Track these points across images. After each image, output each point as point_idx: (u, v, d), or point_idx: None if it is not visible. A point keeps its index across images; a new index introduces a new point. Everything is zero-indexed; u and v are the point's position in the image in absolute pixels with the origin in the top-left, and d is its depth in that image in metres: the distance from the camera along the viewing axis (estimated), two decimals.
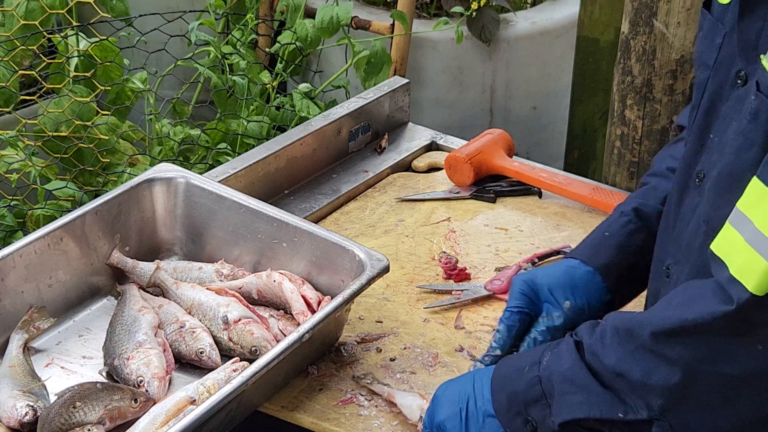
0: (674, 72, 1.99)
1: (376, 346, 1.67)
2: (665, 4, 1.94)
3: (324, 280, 1.68)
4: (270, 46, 3.09)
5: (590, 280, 1.47)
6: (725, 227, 1.10)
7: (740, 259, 1.07)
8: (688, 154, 1.28)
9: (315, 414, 1.54)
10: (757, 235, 1.05)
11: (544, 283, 1.47)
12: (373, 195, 2.11)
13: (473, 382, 1.35)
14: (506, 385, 1.30)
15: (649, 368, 1.14)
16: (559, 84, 3.10)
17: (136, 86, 2.66)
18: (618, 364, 1.17)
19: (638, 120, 2.07)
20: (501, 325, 1.48)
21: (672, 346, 1.12)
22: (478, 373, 1.36)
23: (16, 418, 1.45)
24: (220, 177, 1.92)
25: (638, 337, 1.16)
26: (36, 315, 1.63)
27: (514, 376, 1.30)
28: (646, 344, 1.15)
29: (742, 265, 1.07)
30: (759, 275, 1.05)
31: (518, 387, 1.28)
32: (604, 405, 1.19)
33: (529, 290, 1.48)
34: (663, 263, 1.32)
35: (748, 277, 1.06)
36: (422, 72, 3.02)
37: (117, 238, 1.76)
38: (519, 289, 1.48)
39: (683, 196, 1.28)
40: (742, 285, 1.06)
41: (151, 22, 2.72)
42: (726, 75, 1.19)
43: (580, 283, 1.47)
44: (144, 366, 1.52)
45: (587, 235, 1.55)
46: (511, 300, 1.49)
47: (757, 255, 1.05)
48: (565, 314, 1.46)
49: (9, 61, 2.54)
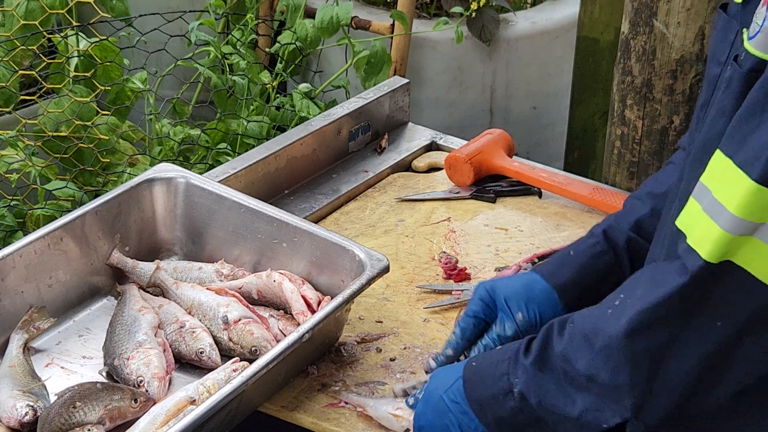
0: (674, 72, 1.99)
1: (376, 346, 1.67)
2: (665, 4, 1.94)
3: (324, 280, 1.68)
4: (270, 46, 3.09)
5: (547, 296, 1.48)
6: (689, 201, 1.11)
7: (697, 228, 1.08)
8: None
9: (315, 414, 1.54)
10: (713, 204, 1.06)
11: (502, 292, 1.49)
12: (373, 195, 2.11)
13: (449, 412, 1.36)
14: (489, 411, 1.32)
15: (616, 367, 1.14)
16: (559, 84, 3.09)
17: (136, 86, 2.66)
18: (588, 368, 1.18)
19: (638, 120, 2.06)
20: (456, 328, 1.51)
21: (635, 340, 1.12)
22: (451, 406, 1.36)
23: (16, 418, 1.45)
24: (220, 177, 1.92)
25: (604, 336, 1.16)
26: (36, 315, 1.63)
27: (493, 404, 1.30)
28: (611, 343, 1.15)
29: (698, 235, 1.07)
30: (713, 242, 1.05)
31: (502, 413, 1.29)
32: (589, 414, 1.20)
33: (487, 297, 1.50)
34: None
35: (702, 245, 1.06)
36: (422, 72, 3.02)
37: (117, 238, 1.76)
38: (479, 296, 1.51)
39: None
40: (697, 253, 1.07)
41: (151, 22, 2.71)
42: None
43: (537, 297, 1.48)
44: (144, 366, 1.52)
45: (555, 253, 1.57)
46: (469, 305, 1.52)
47: (712, 222, 1.05)
48: (516, 325, 1.47)
49: (9, 61, 2.54)
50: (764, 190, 1.02)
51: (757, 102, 1.05)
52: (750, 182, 1.03)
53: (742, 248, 1.05)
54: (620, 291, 1.18)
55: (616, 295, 1.18)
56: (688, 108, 2.02)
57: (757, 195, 1.03)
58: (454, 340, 1.50)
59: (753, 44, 1.10)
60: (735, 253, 1.05)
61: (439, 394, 1.38)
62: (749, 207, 1.03)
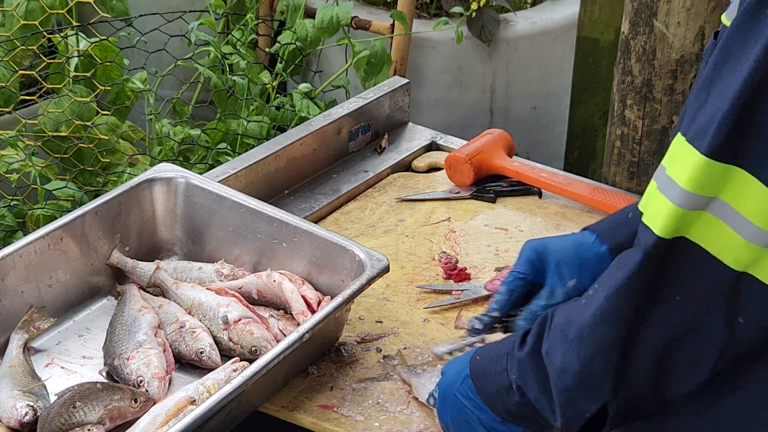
0: (674, 72, 1.99)
1: (376, 346, 1.67)
2: (665, 4, 1.94)
3: (324, 280, 1.68)
4: (270, 46, 3.09)
5: (600, 260, 1.44)
6: (650, 183, 1.11)
7: (652, 206, 1.08)
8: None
9: (315, 414, 1.54)
10: (667, 181, 1.06)
11: (554, 256, 1.46)
12: (373, 195, 2.11)
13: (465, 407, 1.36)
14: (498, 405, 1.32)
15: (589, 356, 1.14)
16: (559, 84, 3.10)
17: (136, 86, 2.66)
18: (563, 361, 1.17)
19: (638, 120, 2.07)
20: (503, 287, 1.47)
21: (604, 327, 1.12)
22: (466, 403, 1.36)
23: (16, 418, 1.45)
24: (220, 177, 1.92)
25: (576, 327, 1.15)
26: (36, 315, 1.63)
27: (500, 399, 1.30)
28: (581, 333, 1.15)
29: (652, 211, 1.08)
30: (664, 217, 1.05)
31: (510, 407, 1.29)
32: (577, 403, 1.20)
33: (536, 259, 1.46)
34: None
35: (655, 221, 1.07)
36: (422, 72, 3.02)
37: (117, 238, 1.76)
38: (527, 256, 1.47)
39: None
40: (650, 230, 1.07)
41: (151, 22, 2.71)
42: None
43: (590, 263, 1.45)
44: (144, 366, 1.52)
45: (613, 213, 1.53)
46: (517, 264, 1.48)
47: (664, 198, 1.06)
48: (567, 293, 1.45)
49: (9, 61, 2.54)
50: (713, 163, 1.02)
51: (706, 77, 1.05)
52: (699, 156, 1.02)
53: (694, 223, 1.05)
54: (597, 280, 1.18)
55: (592, 285, 1.18)
56: None
57: (706, 168, 1.02)
58: (499, 299, 1.47)
59: (726, 15, 1.12)
60: (688, 229, 1.05)
61: (453, 393, 1.38)
62: (698, 180, 1.03)
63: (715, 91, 1.04)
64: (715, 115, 1.02)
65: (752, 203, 1.02)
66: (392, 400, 1.57)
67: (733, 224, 1.03)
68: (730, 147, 1.02)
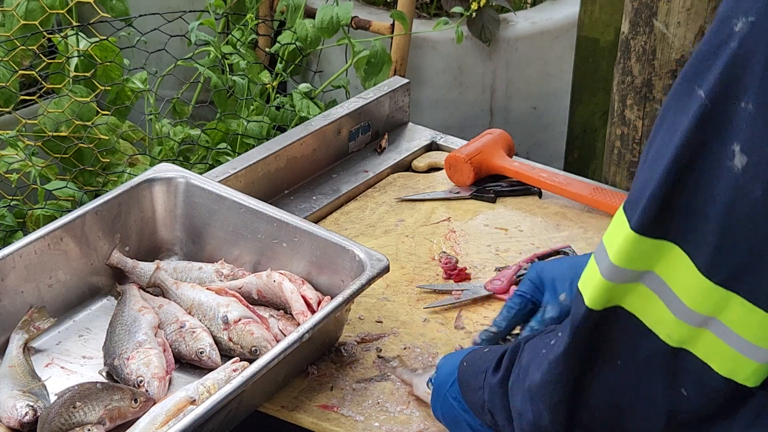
0: (674, 72, 1.99)
1: (376, 346, 1.67)
2: (665, 4, 1.94)
3: (324, 280, 1.68)
4: (270, 46, 3.09)
5: None
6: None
7: (585, 275, 1.04)
8: None
9: (315, 414, 1.54)
10: (600, 250, 1.01)
11: (549, 273, 1.48)
12: (373, 195, 2.11)
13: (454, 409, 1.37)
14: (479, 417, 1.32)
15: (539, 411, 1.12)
16: (559, 84, 3.10)
17: (136, 86, 2.66)
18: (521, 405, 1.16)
19: (638, 120, 2.07)
20: (504, 308, 1.51)
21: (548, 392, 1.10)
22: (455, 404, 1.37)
23: (16, 418, 1.45)
24: (220, 177, 1.92)
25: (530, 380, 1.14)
26: (36, 315, 1.63)
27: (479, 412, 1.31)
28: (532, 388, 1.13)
29: (587, 277, 1.03)
30: (594, 288, 1.01)
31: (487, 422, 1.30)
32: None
33: (536, 278, 1.49)
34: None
35: (586, 291, 1.02)
36: (422, 72, 3.02)
37: (117, 238, 1.76)
38: (529, 276, 1.50)
39: None
40: (582, 298, 1.03)
41: (151, 22, 2.72)
42: None
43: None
44: (144, 366, 1.52)
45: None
46: (520, 285, 1.52)
47: (596, 268, 1.01)
48: (560, 307, 1.45)
49: (9, 61, 2.54)
50: (643, 239, 0.95)
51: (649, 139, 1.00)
52: (628, 231, 0.96)
53: (629, 294, 0.99)
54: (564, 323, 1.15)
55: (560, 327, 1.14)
56: None
57: (636, 243, 0.96)
58: (499, 319, 1.50)
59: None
60: (622, 299, 1.00)
61: (444, 392, 1.39)
62: (628, 255, 0.97)
63: (648, 158, 0.98)
64: (645, 188, 0.96)
65: (684, 281, 0.96)
66: (392, 400, 1.57)
67: (666, 300, 0.97)
68: (661, 223, 0.95)
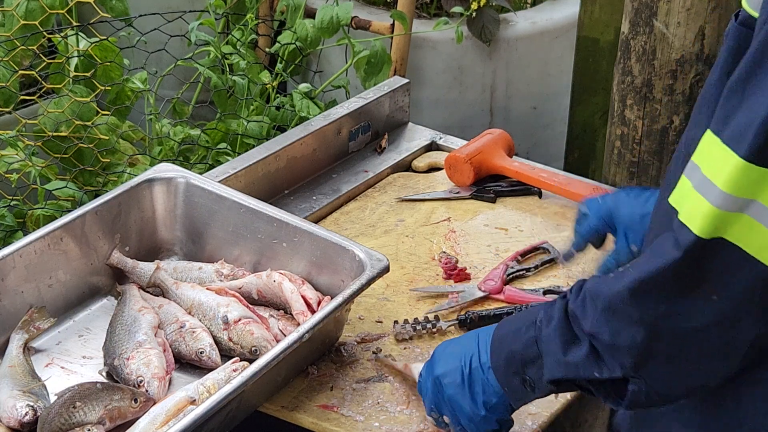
0: (674, 72, 1.99)
1: (376, 346, 1.67)
2: (665, 4, 1.94)
3: (324, 280, 1.68)
4: (270, 46, 3.09)
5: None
6: (681, 179, 1.13)
7: (688, 204, 1.10)
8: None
9: (315, 414, 1.54)
10: (703, 181, 1.08)
11: (622, 221, 1.56)
12: (373, 195, 2.11)
13: (477, 340, 1.39)
14: (504, 345, 1.34)
15: (616, 329, 1.16)
16: (559, 84, 3.10)
17: (136, 86, 2.66)
18: (592, 327, 1.20)
19: (638, 120, 2.07)
20: (577, 235, 1.63)
21: (633, 306, 1.14)
22: (482, 332, 1.39)
23: (16, 418, 1.45)
24: (220, 177, 1.92)
25: (605, 299, 1.18)
26: (36, 315, 1.63)
27: (512, 337, 1.33)
28: (612, 305, 1.17)
29: (689, 210, 1.09)
30: (702, 218, 1.07)
31: (515, 347, 1.31)
32: (580, 364, 1.22)
33: (609, 218, 1.58)
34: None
35: (693, 221, 1.08)
36: (422, 72, 3.02)
37: (117, 238, 1.76)
38: (598, 215, 1.59)
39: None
40: (688, 228, 1.08)
41: (151, 22, 2.71)
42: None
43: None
44: (144, 366, 1.52)
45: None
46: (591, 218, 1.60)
47: (702, 198, 1.07)
48: (632, 256, 1.53)
49: (9, 61, 2.54)
50: (751, 167, 1.03)
51: (740, 78, 1.06)
52: (737, 159, 1.04)
53: (733, 225, 1.06)
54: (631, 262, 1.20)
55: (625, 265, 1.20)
56: (688, 108, 2.02)
57: (745, 171, 1.04)
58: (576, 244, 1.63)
59: (748, 2, 1.12)
60: (726, 230, 1.06)
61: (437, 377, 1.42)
62: (737, 183, 1.04)
63: (751, 94, 1.04)
64: (753, 120, 1.03)
65: None
66: (392, 400, 1.57)
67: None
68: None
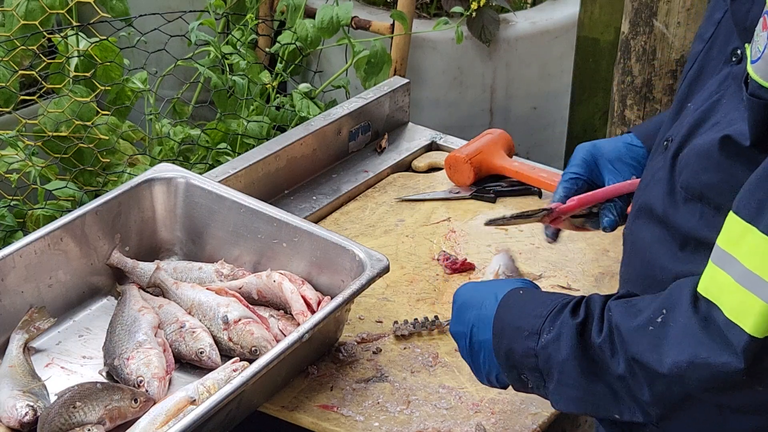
0: (674, 72, 1.99)
1: (376, 346, 1.67)
2: (665, 4, 1.94)
3: (324, 280, 1.68)
4: (270, 46, 3.10)
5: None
6: (710, 267, 1.06)
7: (733, 300, 1.03)
8: (666, 121, 1.30)
9: (315, 414, 1.54)
10: (747, 275, 1.02)
11: (606, 155, 1.50)
12: (373, 195, 2.11)
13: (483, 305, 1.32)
14: (504, 338, 1.28)
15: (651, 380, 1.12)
16: (559, 84, 3.10)
17: (136, 86, 2.66)
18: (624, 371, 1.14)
19: (638, 120, 2.07)
20: (559, 187, 1.53)
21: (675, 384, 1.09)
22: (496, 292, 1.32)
23: (16, 418, 1.45)
24: (220, 177, 1.92)
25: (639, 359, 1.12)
26: (36, 315, 1.63)
27: (512, 333, 1.27)
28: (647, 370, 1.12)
29: (736, 307, 1.03)
30: (756, 316, 1.01)
31: (515, 347, 1.26)
32: (600, 404, 1.18)
33: (591, 159, 1.51)
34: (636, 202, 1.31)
35: (745, 320, 1.02)
36: (422, 72, 3.02)
37: (117, 238, 1.76)
38: (582, 157, 1.52)
39: (652, 157, 1.30)
40: (739, 327, 1.02)
41: (151, 22, 2.72)
42: (721, 50, 1.20)
43: (642, 160, 1.48)
44: (144, 366, 1.52)
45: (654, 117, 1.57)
46: (572, 165, 1.53)
47: (751, 295, 1.01)
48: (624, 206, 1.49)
49: (9, 61, 2.54)
50: None
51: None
52: None
53: None
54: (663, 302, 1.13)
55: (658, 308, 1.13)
56: None
57: None
58: (557, 197, 1.53)
59: (755, 70, 1.06)
60: None
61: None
62: None
63: None
64: None
65: None
66: (392, 400, 1.57)
67: None
68: None
